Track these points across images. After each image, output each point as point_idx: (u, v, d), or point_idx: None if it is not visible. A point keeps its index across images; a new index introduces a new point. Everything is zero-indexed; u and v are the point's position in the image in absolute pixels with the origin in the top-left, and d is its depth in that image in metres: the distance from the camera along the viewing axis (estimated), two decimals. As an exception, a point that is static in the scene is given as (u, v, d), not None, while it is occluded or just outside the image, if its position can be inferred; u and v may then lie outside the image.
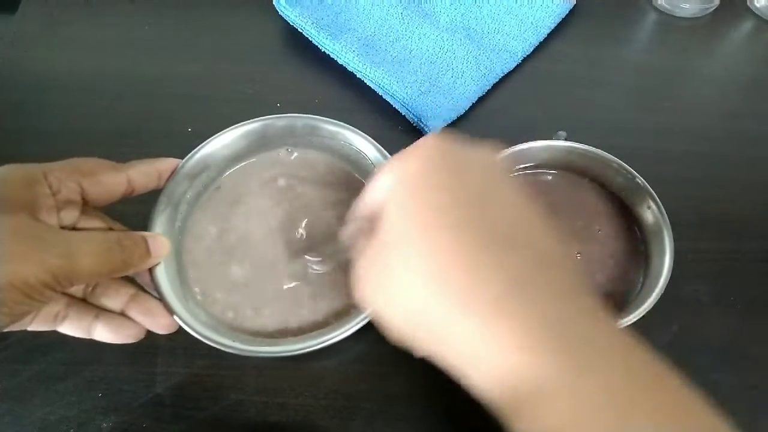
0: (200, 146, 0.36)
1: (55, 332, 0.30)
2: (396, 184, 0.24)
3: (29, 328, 0.28)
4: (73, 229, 0.28)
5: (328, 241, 0.35)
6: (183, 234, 0.35)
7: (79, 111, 0.46)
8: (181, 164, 0.34)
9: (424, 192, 0.23)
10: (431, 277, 0.22)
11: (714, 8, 0.54)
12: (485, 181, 0.25)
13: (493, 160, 0.27)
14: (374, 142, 0.36)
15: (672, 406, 0.20)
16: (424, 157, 0.25)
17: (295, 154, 0.38)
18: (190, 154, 0.35)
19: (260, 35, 0.51)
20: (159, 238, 0.31)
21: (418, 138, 0.44)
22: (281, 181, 0.37)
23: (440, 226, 0.22)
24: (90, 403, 0.34)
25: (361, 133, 0.36)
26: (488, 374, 0.22)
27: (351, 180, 0.38)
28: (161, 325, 0.30)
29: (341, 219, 0.36)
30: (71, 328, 0.29)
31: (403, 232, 0.23)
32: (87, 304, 0.30)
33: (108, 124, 0.45)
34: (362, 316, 0.31)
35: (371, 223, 0.26)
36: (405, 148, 0.26)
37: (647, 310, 0.31)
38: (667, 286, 0.32)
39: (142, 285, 0.32)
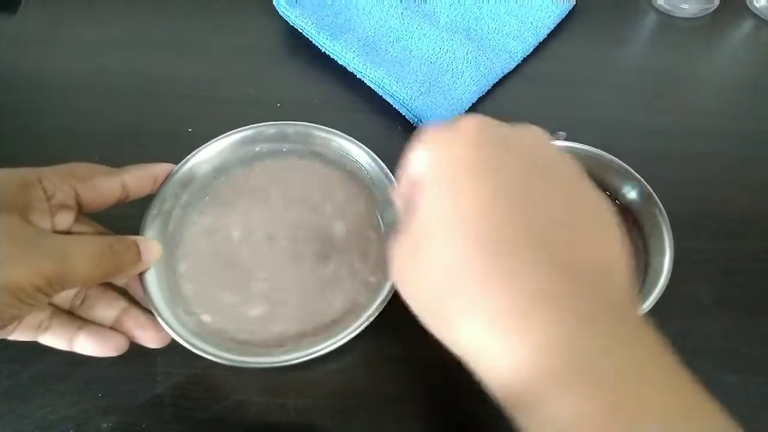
0: (194, 152, 0.36)
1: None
2: (434, 166, 0.23)
3: (10, 338, 0.28)
4: (67, 234, 0.28)
5: (326, 245, 0.35)
6: (175, 240, 0.35)
7: (79, 111, 0.46)
8: (174, 170, 0.34)
9: (465, 179, 0.22)
10: (454, 269, 0.21)
11: (713, 9, 0.54)
12: (533, 171, 0.23)
13: (544, 145, 0.24)
14: (366, 148, 0.36)
15: None
16: (467, 140, 0.23)
17: (289, 160, 0.38)
18: (183, 161, 0.35)
19: (260, 35, 0.51)
20: (150, 242, 0.31)
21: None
22: (275, 187, 0.37)
23: (476, 217, 0.21)
24: (90, 403, 0.34)
25: (354, 140, 0.37)
26: (496, 381, 0.20)
27: (345, 186, 0.38)
28: (153, 339, 0.30)
29: (337, 224, 0.36)
30: (53, 338, 0.29)
31: (437, 216, 0.22)
32: (71, 315, 0.30)
33: (108, 124, 0.45)
34: (358, 323, 0.31)
35: (411, 198, 0.24)
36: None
37: (647, 310, 0.31)
38: (666, 286, 0.32)
39: (135, 297, 0.32)
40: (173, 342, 0.30)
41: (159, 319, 0.30)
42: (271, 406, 0.34)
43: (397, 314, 0.29)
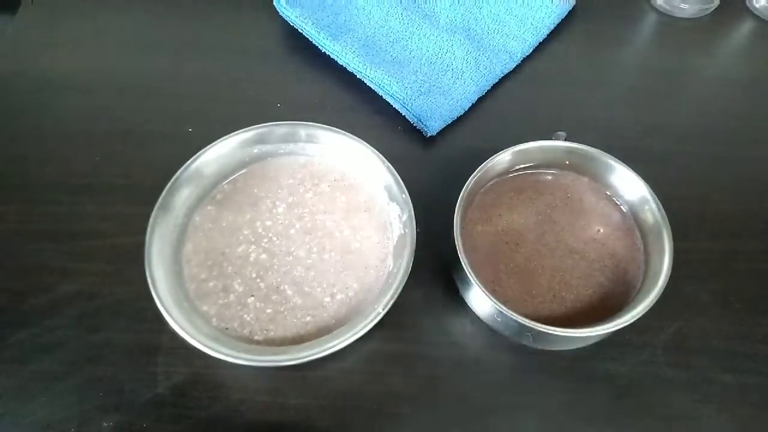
0: (198, 154, 0.35)
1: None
2: None
3: None
4: None
5: (331, 246, 0.35)
6: (181, 243, 0.35)
7: (79, 111, 0.46)
8: (178, 173, 0.34)
9: None
10: None
11: (713, 9, 0.54)
12: None
13: None
14: (373, 149, 0.36)
15: None
16: None
17: (295, 160, 0.38)
18: (187, 163, 0.35)
19: (260, 35, 0.51)
20: None
21: (419, 138, 0.45)
22: (279, 189, 0.37)
23: None
24: (90, 403, 0.34)
25: (360, 140, 0.36)
26: None
27: (350, 187, 0.38)
28: None
29: (342, 225, 0.36)
30: None
31: None
32: None
33: (108, 124, 0.45)
34: (362, 324, 0.31)
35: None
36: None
37: (646, 310, 0.31)
38: (666, 285, 0.32)
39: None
40: (174, 342, 0.30)
41: (170, 320, 0.30)
42: (271, 405, 0.34)
43: (398, 316, 0.29)
